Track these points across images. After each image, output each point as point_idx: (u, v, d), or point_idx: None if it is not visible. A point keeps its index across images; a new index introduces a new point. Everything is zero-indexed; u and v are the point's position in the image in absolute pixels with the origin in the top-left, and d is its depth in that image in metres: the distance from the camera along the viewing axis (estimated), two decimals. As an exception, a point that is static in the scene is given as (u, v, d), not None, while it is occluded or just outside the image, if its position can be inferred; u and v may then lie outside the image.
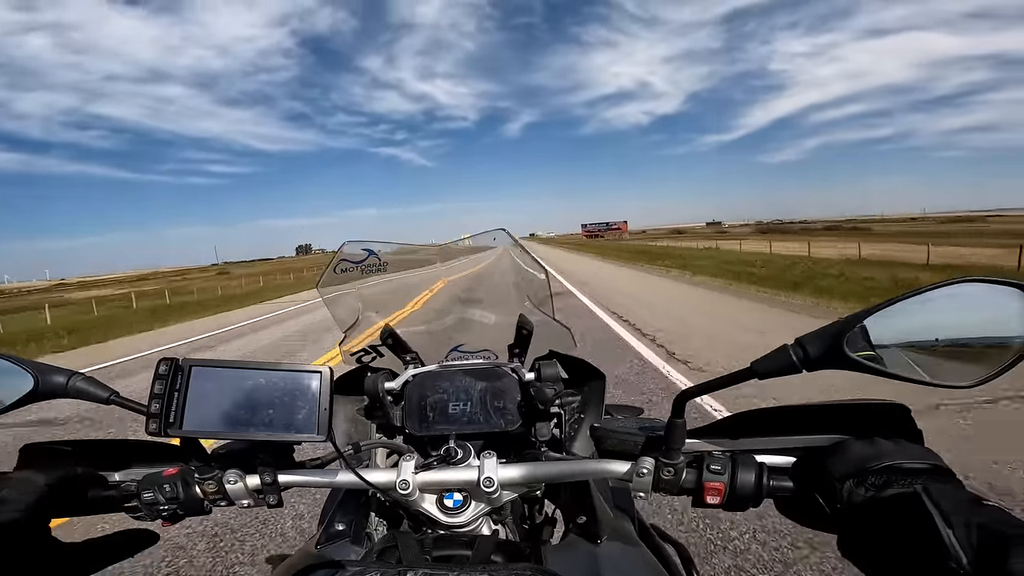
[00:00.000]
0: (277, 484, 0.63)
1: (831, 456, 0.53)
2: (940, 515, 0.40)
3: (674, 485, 0.58)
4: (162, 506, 0.62)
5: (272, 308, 15.65)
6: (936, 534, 0.40)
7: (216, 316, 15.08)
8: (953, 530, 0.39)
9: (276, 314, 13.63)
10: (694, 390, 0.54)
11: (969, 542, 0.38)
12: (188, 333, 11.35)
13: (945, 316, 0.47)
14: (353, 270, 0.87)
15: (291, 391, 0.57)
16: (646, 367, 5.18)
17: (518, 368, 0.86)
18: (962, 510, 0.41)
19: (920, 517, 0.42)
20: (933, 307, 0.47)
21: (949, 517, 0.40)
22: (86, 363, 8.16)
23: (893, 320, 0.47)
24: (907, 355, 0.47)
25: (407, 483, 0.62)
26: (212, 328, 11.89)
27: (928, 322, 0.47)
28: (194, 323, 13.70)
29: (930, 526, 0.40)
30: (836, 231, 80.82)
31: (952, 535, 0.39)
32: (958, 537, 0.39)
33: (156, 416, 0.55)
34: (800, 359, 0.47)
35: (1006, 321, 0.46)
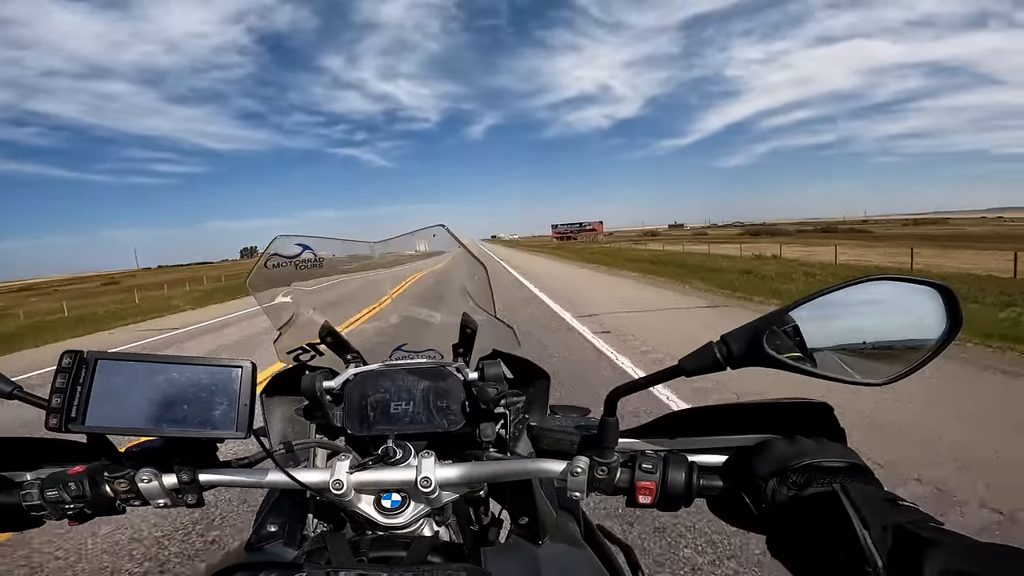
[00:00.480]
0: (197, 483, 0.61)
1: (756, 455, 0.53)
2: (857, 516, 0.41)
3: (608, 485, 0.57)
4: (67, 505, 0.59)
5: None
6: (853, 535, 0.40)
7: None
8: (869, 531, 0.39)
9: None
10: (624, 388, 0.54)
11: (884, 544, 0.38)
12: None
13: (863, 313, 0.49)
14: (286, 265, 0.84)
15: (208, 386, 0.54)
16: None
17: (462, 367, 0.84)
18: (879, 511, 0.41)
19: (838, 517, 0.42)
20: (852, 304, 0.48)
21: (866, 518, 0.40)
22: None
23: (813, 317, 0.48)
24: (825, 352, 0.48)
25: (341, 483, 0.61)
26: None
27: (847, 319, 0.48)
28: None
29: (847, 526, 0.41)
30: (848, 233, 71.14)
31: (868, 536, 0.39)
32: (874, 538, 0.39)
33: (57, 411, 0.52)
34: (724, 356, 0.47)
35: (921, 319, 0.48)
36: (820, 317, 0.48)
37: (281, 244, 0.82)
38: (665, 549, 2.21)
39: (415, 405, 0.82)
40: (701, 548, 2.20)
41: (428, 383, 0.83)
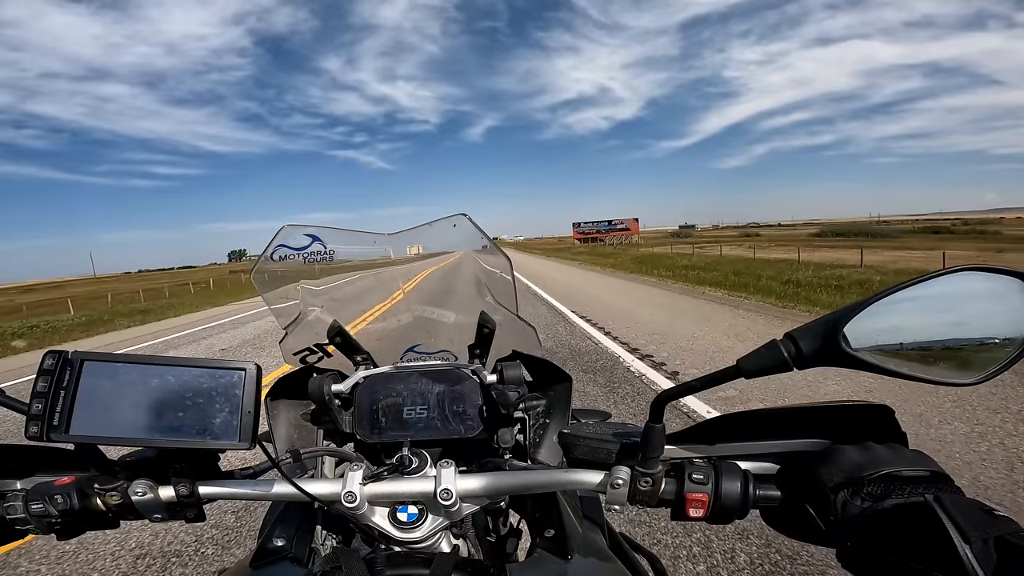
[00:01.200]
0: (196, 496, 0.56)
1: (821, 463, 0.49)
2: (956, 528, 0.37)
3: (653, 496, 0.53)
4: (54, 519, 0.55)
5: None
6: (952, 549, 0.36)
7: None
8: (970, 545, 0.36)
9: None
10: (674, 392, 0.49)
11: (988, 558, 0.35)
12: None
13: (943, 308, 0.43)
14: (294, 258, 0.78)
15: (208, 391, 0.49)
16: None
17: (479, 370, 0.80)
18: (978, 523, 0.38)
19: (931, 530, 0.39)
20: (930, 298, 0.43)
21: (965, 531, 0.37)
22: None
23: (889, 313, 0.43)
24: (904, 351, 0.43)
25: (353, 495, 0.56)
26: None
27: (925, 315, 0.43)
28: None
29: (943, 540, 0.37)
30: (968, 234, 61.44)
31: (969, 551, 0.36)
32: (975, 553, 0.36)
33: (38, 417, 0.47)
34: (792, 356, 0.42)
35: (1007, 314, 0.43)
36: (901, 312, 0.42)
37: (288, 235, 0.77)
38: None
39: (430, 410, 0.78)
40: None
41: (443, 386, 0.78)
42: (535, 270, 22.44)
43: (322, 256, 0.79)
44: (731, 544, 2.18)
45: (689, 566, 2.07)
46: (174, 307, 19.05)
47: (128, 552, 2.44)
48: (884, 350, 0.43)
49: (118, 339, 11.76)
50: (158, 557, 2.38)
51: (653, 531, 2.32)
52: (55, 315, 20.28)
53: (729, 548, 2.16)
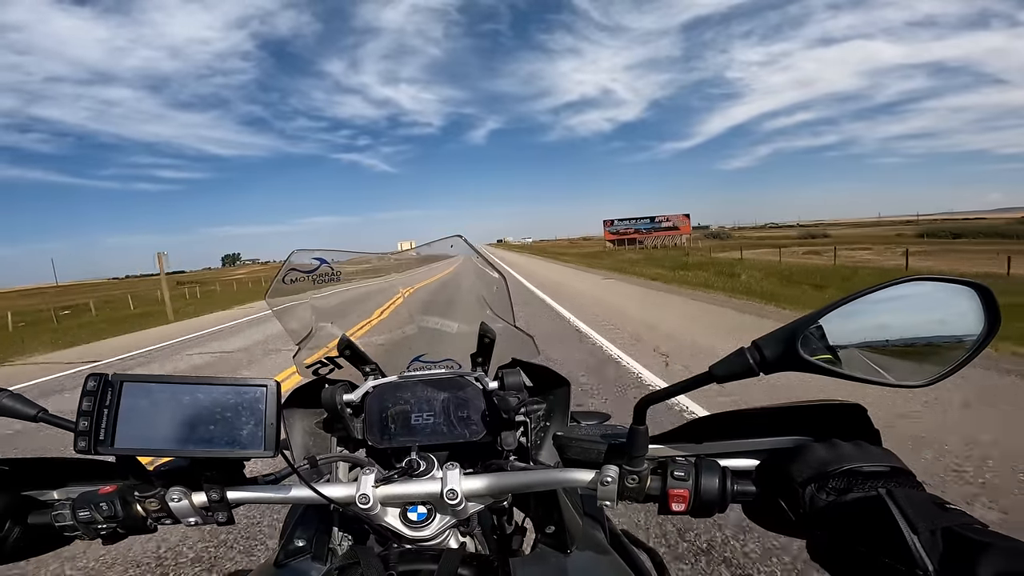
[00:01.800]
0: (226, 501, 0.61)
1: (792, 460, 0.53)
2: (905, 520, 0.40)
3: (639, 493, 0.57)
4: (100, 525, 0.60)
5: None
6: (901, 539, 0.39)
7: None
8: (918, 535, 0.39)
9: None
10: (654, 396, 0.53)
11: (935, 548, 0.38)
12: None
13: (899, 314, 0.47)
14: (303, 280, 0.84)
15: (234, 406, 0.55)
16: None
17: (481, 377, 0.84)
18: (926, 514, 0.40)
19: (884, 522, 0.41)
20: (886, 306, 0.47)
21: (914, 522, 0.40)
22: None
23: (847, 320, 0.47)
24: (862, 354, 0.47)
25: (367, 497, 0.60)
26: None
27: (882, 321, 0.47)
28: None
29: (895, 531, 0.40)
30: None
31: (917, 540, 0.39)
32: (923, 542, 0.38)
33: (85, 433, 0.52)
34: (756, 362, 0.46)
35: (958, 319, 0.46)
36: (855, 319, 0.47)
37: (298, 258, 0.82)
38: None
39: (436, 416, 0.81)
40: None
41: (448, 393, 0.82)
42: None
43: (329, 277, 0.84)
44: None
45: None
46: (59, 336, 13.46)
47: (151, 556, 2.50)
48: (840, 355, 0.47)
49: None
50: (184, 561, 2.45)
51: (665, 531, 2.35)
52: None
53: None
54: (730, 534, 2.27)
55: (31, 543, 0.61)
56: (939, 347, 0.47)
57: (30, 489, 0.65)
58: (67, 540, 0.63)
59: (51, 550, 0.64)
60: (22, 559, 0.62)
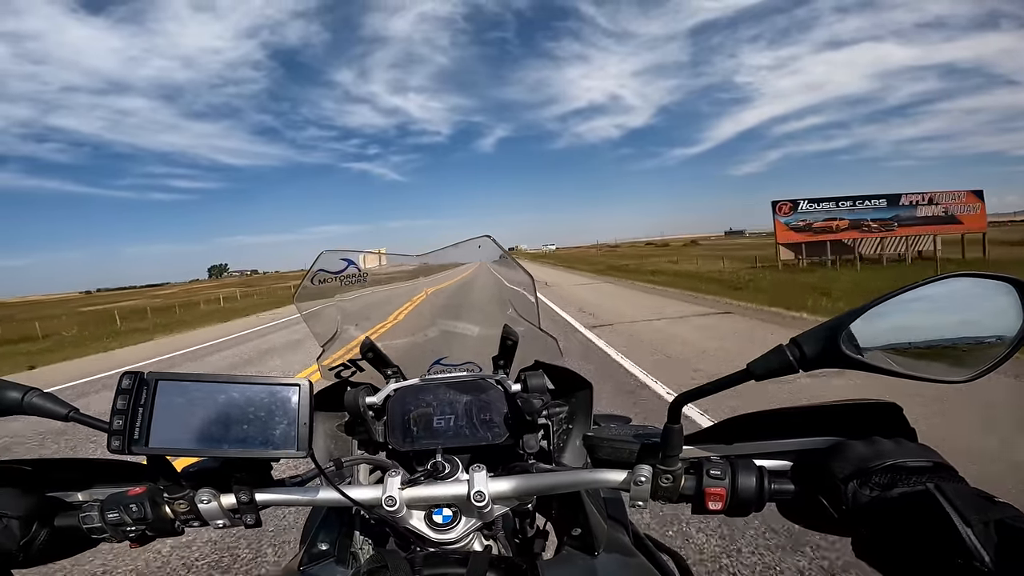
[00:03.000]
0: (254, 503, 0.60)
1: (831, 457, 0.52)
2: (957, 513, 0.40)
3: (673, 492, 0.56)
4: (128, 527, 0.59)
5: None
6: (955, 533, 0.39)
7: None
8: (972, 528, 0.39)
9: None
10: (689, 394, 0.52)
11: (990, 540, 0.38)
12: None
13: (937, 311, 0.47)
14: (331, 280, 0.84)
15: (267, 405, 0.54)
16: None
17: (503, 380, 0.84)
18: (977, 507, 0.40)
19: (935, 516, 0.41)
20: (924, 303, 0.46)
21: (966, 515, 0.40)
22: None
23: (886, 317, 0.47)
24: (901, 352, 0.47)
25: (393, 499, 0.60)
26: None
27: (920, 318, 0.47)
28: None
29: (947, 525, 0.40)
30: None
31: (971, 533, 0.39)
32: (977, 535, 0.38)
33: (119, 433, 0.52)
34: (796, 359, 0.46)
35: (998, 315, 0.46)
36: (896, 316, 0.46)
37: (326, 260, 0.83)
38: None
39: (458, 418, 0.81)
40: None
41: (470, 396, 0.82)
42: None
43: (356, 279, 0.85)
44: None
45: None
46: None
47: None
48: (882, 352, 0.46)
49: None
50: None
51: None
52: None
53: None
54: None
55: (59, 545, 0.61)
56: (978, 343, 0.47)
57: (54, 490, 0.64)
58: (95, 542, 0.62)
59: (79, 552, 0.63)
60: (50, 562, 0.61)
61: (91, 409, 0.56)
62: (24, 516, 0.57)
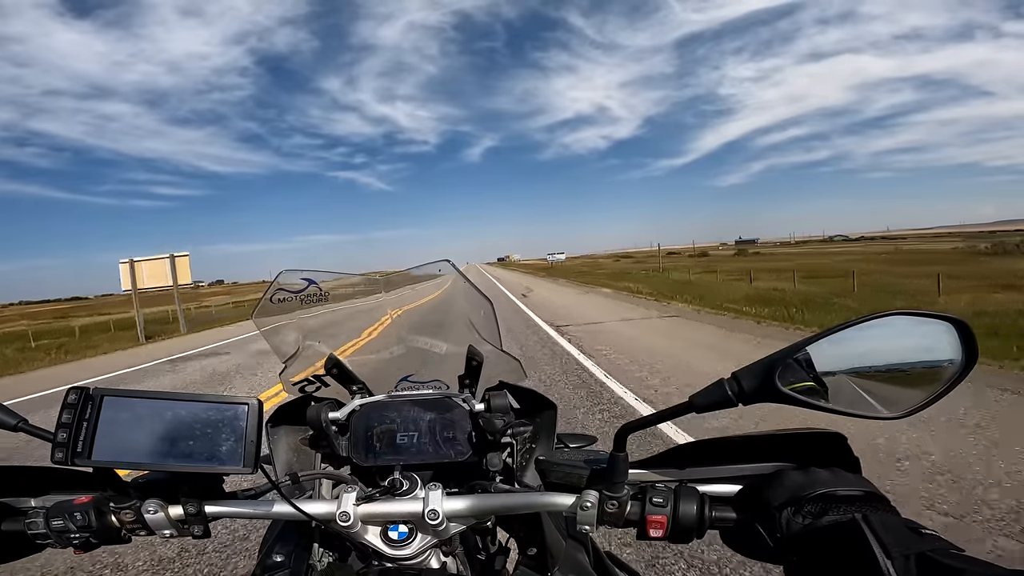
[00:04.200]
0: (203, 515, 0.61)
1: (769, 485, 0.53)
2: (879, 544, 0.40)
3: (618, 518, 0.57)
4: (73, 534, 0.60)
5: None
6: (875, 564, 0.39)
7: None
8: (892, 561, 0.39)
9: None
10: (634, 424, 0.53)
11: (909, 573, 0.38)
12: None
13: (878, 347, 0.48)
14: (291, 300, 0.85)
15: (215, 422, 0.55)
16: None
17: (468, 399, 0.84)
18: (901, 539, 0.41)
19: (859, 546, 0.42)
20: (865, 339, 0.47)
21: (888, 547, 0.40)
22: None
23: (826, 351, 0.47)
24: (840, 385, 0.48)
25: (347, 515, 0.60)
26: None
27: (860, 354, 0.48)
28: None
29: (868, 556, 0.40)
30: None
31: (891, 566, 0.39)
32: (896, 568, 0.38)
33: (63, 445, 0.53)
34: (735, 393, 0.47)
35: (937, 353, 0.47)
36: (835, 353, 0.47)
37: (286, 279, 0.83)
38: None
39: (421, 436, 0.81)
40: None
41: (434, 414, 0.83)
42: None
43: (317, 298, 0.85)
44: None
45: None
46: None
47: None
48: (818, 387, 0.47)
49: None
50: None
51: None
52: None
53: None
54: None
55: (2, 548, 0.62)
56: (919, 377, 0.48)
57: (6, 496, 0.65)
58: (39, 548, 0.63)
59: (22, 556, 0.64)
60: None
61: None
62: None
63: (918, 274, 19.67)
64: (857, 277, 16.40)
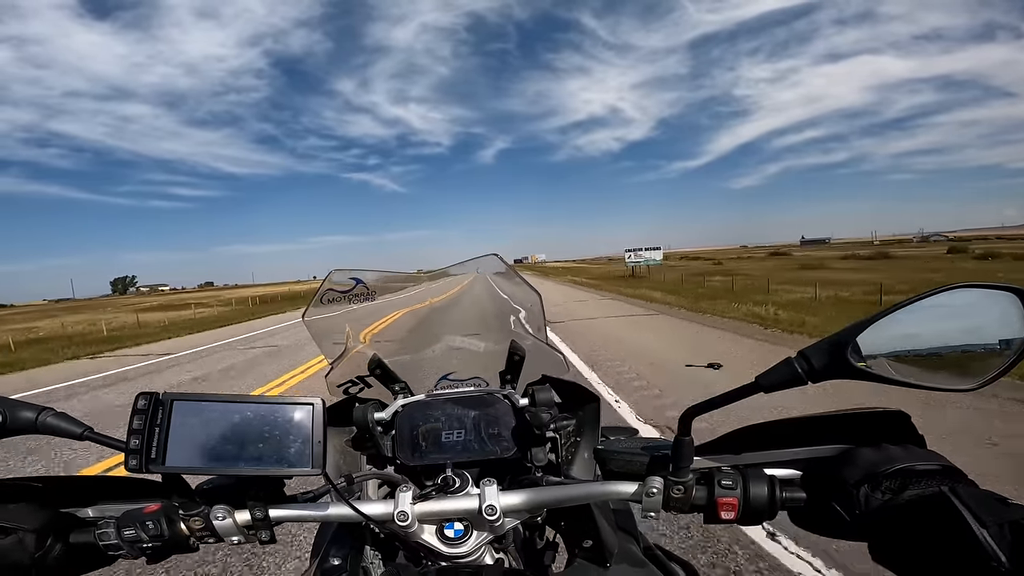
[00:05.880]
0: (269, 519, 0.61)
1: (841, 464, 0.53)
2: (972, 515, 0.41)
3: (685, 503, 0.57)
4: (145, 543, 0.59)
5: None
6: (970, 534, 0.40)
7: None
8: (987, 529, 0.39)
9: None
10: (700, 407, 0.53)
11: (1004, 540, 0.38)
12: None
13: (942, 322, 0.48)
14: (340, 299, 0.85)
15: (281, 424, 0.55)
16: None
17: (511, 394, 0.84)
18: (992, 509, 0.41)
19: (949, 518, 0.42)
20: (929, 314, 0.47)
21: (981, 517, 0.40)
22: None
23: (891, 329, 0.47)
24: (906, 361, 0.48)
25: (405, 514, 0.60)
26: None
27: (925, 329, 0.48)
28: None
29: (962, 527, 0.40)
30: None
31: (987, 534, 0.39)
32: (993, 536, 0.39)
33: (136, 452, 0.52)
34: (804, 371, 0.47)
35: (1002, 324, 0.47)
36: (902, 328, 0.47)
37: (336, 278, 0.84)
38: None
39: (467, 433, 0.81)
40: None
41: (479, 411, 0.83)
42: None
43: (365, 297, 0.86)
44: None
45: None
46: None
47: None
48: (889, 362, 0.47)
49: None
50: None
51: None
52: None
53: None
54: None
55: (74, 561, 0.61)
56: (984, 353, 0.47)
57: (67, 507, 0.64)
58: (111, 559, 0.62)
59: (94, 568, 0.63)
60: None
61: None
62: (38, 530, 0.57)
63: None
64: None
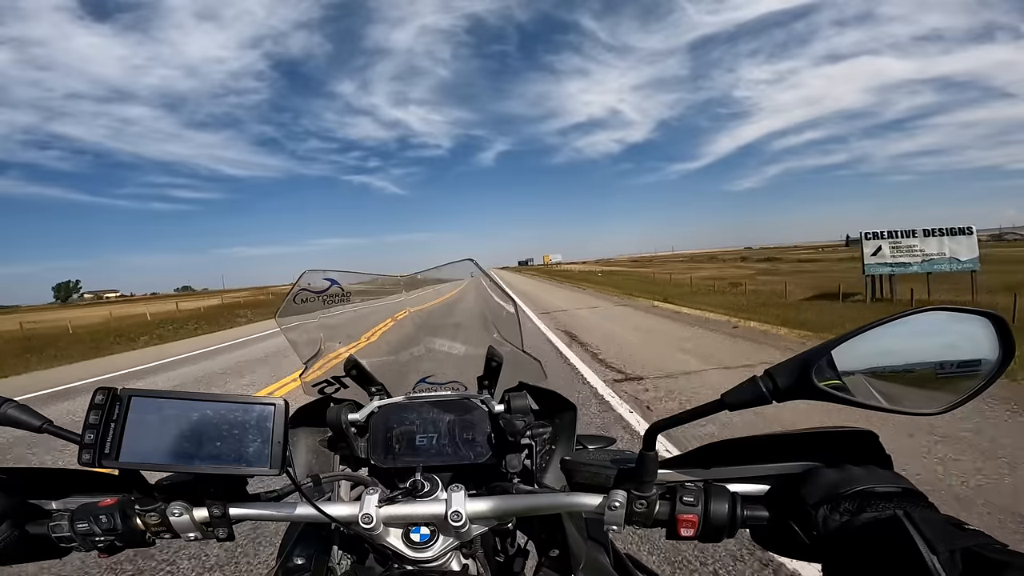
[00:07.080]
0: (227, 517, 0.60)
1: (803, 483, 0.52)
2: (924, 541, 0.40)
3: (647, 518, 0.56)
4: (98, 537, 0.59)
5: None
6: (920, 560, 0.39)
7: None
8: (937, 556, 0.38)
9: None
10: (664, 423, 0.53)
11: (955, 568, 0.37)
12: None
13: (912, 345, 0.47)
14: (314, 300, 0.84)
15: (241, 423, 0.54)
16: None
17: (487, 400, 0.84)
18: (945, 535, 0.40)
19: (902, 543, 0.41)
20: (899, 336, 0.47)
21: (933, 543, 0.39)
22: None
23: (860, 349, 0.47)
24: (875, 383, 0.47)
25: (370, 517, 0.60)
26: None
27: (895, 351, 0.47)
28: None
29: (912, 552, 0.40)
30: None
31: (936, 561, 0.38)
32: (943, 563, 0.38)
33: (90, 446, 0.52)
34: (769, 390, 0.46)
35: (972, 348, 0.46)
36: (870, 349, 0.46)
37: (309, 279, 0.83)
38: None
39: (441, 437, 0.81)
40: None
41: (454, 415, 0.82)
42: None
43: (339, 298, 0.85)
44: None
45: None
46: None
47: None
48: (854, 384, 0.46)
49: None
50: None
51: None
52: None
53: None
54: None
55: (26, 550, 0.61)
56: (952, 376, 0.47)
57: (33, 498, 0.64)
58: (64, 551, 0.62)
59: (46, 559, 0.63)
60: (14, 563, 0.61)
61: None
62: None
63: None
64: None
